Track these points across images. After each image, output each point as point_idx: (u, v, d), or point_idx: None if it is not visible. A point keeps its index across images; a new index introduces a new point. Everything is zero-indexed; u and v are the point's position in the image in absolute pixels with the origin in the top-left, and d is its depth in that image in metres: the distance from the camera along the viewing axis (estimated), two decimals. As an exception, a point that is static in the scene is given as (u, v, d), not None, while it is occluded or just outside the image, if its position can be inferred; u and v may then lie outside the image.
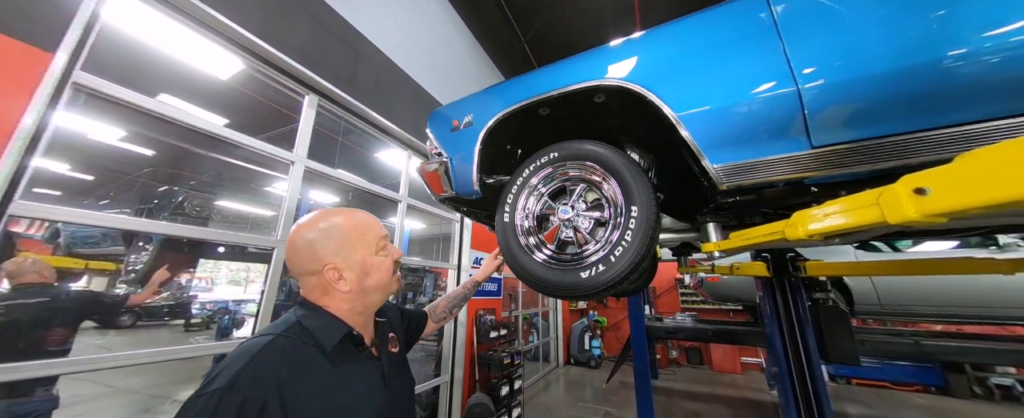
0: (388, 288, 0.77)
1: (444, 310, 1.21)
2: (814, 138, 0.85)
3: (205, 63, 2.50)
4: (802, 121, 0.85)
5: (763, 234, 0.91)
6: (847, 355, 2.28)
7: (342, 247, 0.70)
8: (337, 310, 0.69)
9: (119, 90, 1.47)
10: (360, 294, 0.71)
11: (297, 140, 2.22)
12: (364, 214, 0.78)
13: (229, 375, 0.51)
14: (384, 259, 0.75)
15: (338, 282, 0.68)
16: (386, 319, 0.84)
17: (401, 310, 0.99)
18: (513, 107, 1.24)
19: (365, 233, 0.74)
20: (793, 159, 0.87)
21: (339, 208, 0.78)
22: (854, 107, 0.81)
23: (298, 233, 0.70)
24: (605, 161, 1.11)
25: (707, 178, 0.99)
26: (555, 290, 1.06)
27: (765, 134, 0.89)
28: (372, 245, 0.74)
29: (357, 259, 0.71)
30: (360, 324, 0.73)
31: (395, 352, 0.81)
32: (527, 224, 1.22)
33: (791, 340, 2.42)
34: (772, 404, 5.13)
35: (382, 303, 0.78)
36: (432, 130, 1.46)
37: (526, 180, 1.24)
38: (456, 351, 3.59)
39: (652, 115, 1.10)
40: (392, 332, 0.85)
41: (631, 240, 0.98)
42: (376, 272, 0.73)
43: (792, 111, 0.86)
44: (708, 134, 0.94)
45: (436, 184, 1.40)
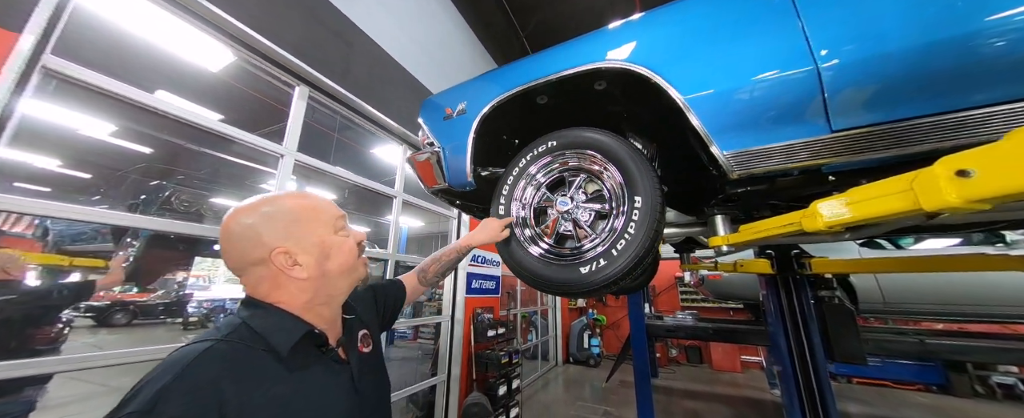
0: (355, 272, 0.66)
1: (436, 274, 1.04)
2: (834, 121, 0.78)
3: (195, 55, 2.42)
4: (821, 103, 0.78)
5: (777, 226, 0.85)
6: (854, 354, 2.21)
7: (293, 228, 0.59)
8: (293, 305, 0.58)
9: (92, 76, 1.39)
10: (322, 281, 0.60)
11: (287, 133, 2.15)
12: (316, 195, 0.68)
13: (149, 394, 0.41)
14: (345, 239, 0.65)
15: (292, 269, 0.57)
16: (355, 316, 0.72)
17: (374, 290, 0.87)
18: (510, 92, 1.17)
19: (319, 213, 0.63)
20: (811, 144, 0.80)
21: (286, 192, 0.66)
22: (879, 86, 0.75)
23: (234, 218, 0.58)
24: (606, 149, 1.04)
25: (716, 166, 0.92)
26: (553, 286, 1.00)
27: (780, 118, 0.82)
28: (329, 224, 0.64)
29: (314, 240, 0.60)
30: (325, 320, 0.62)
31: (367, 352, 0.71)
32: (523, 216, 1.15)
33: (795, 339, 2.36)
34: (773, 403, 5.09)
35: (350, 292, 0.68)
36: (424, 119, 1.39)
37: (523, 170, 1.17)
38: (453, 350, 3.53)
39: (657, 100, 1.04)
40: (364, 329, 0.74)
41: (635, 233, 0.91)
42: (338, 253, 0.62)
43: (810, 92, 0.79)
44: (718, 118, 0.87)
45: (428, 175, 1.33)
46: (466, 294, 3.81)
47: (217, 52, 2.07)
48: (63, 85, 1.37)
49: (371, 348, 0.72)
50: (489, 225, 1.10)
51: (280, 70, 2.15)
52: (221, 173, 5.82)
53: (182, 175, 5.39)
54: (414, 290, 0.99)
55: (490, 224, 1.11)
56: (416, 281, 1.01)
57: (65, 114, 3.94)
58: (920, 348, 2.88)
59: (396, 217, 3.04)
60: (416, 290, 1.00)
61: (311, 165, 2.25)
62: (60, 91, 1.53)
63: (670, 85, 0.91)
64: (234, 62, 2.18)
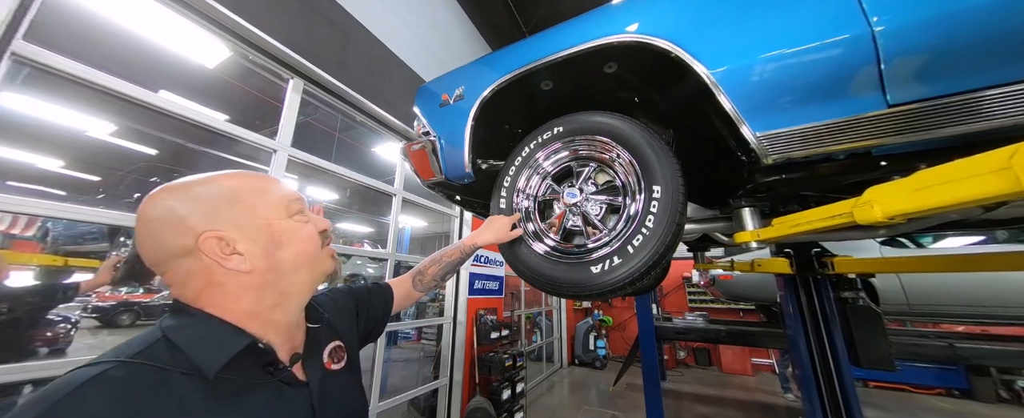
0: (318, 265, 0.54)
1: (434, 278, 0.91)
2: (891, 94, 0.67)
3: (188, 49, 2.35)
4: (875, 73, 0.67)
5: (821, 218, 0.73)
6: (881, 360, 2.07)
7: (231, 209, 0.47)
8: (232, 310, 0.46)
9: (66, 63, 1.31)
10: (272, 276, 0.48)
11: (280, 127, 2.06)
12: (267, 175, 0.56)
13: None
14: (302, 224, 0.53)
15: (229, 259, 0.45)
16: (323, 324, 0.59)
17: (356, 295, 0.74)
18: (512, 74, 1.06)
19: (266, 192, 0.51)
20: (862, 122, 0.69)
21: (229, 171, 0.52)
22: (945, 51, 0.63)
23: (151, 201, 0.45)
24: (619, 134, 0.93)
25: (746, 151, 0.81)
26: (560, 287, 0.89)
27: (825, 92, 0.70)
28: (280, 207, 0.51)
29: (258, 224, 0.48)
30: (278, 329, 0.50)
31: (336, 369, 0.57)
32: (527, 207, 1.05)
33: (817, 343, 2.22)
34: (786, 408, 4.93)
35: (312, 291, 0.55)
36: (420, 107, 1.29)
37: (526, 160, 1.07)
38: (455, 352, 3.43)
39: (678, 79, 0.93)
40: (336, 340, 0.61)
41: (653, 226, 0.80)
42: (293, 240, 0.50)
43: (862, 60, 0.67)
44: (750, 95, 0.76)
45: (423, 167, 1.23)
46: (469, 295, 3.71)
47: (208, 43, 1.99)
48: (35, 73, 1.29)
49: (343, 364, 0.59)
50: (495, 223, 0.98)
51: (272, 61, 2.07)
52: (224, 173, 5.77)
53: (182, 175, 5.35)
54: (406, 296, 0.87)
55: (496, 222, 0.98)
56: (409, 286, 0.89)
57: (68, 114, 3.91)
58: (948, 352, 2.72)
59: (395, 215, 2.95)
60: (408, 296, 0.88)
61: (305, 160, 2.16)
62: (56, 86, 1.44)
63: (695, 60, 0.80)
64: (231, 58, 2.10)
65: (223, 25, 1.87)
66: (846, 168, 0.79)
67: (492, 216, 1.03)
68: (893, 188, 0.61)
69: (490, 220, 1.01)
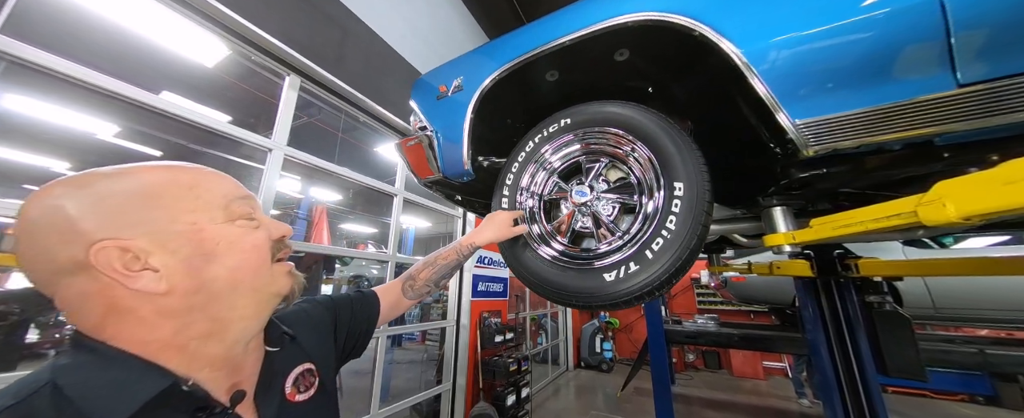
0: (268, 285, 0.43)
1: (427, 282, 0.80)
2: (962, 72, 0.56)
3: (189, 49, 2.30)
4: (944, 46, 0.56)
5: (875, 219, 0.63)
6: (911, 368, 1.94)
7: (143, 210, 0.36)
8: (145, 342, 0.35)
9: (44, 56, 1.25)
10: (201, 298, 0.37)
11: (276, 125, 2.00)
12: (202, 168, 0.43)
13: None
14: (249, 230, 0.42)
15: (137, 277, 0.34)
16: (284, 347, 0.49)
17: (334, 306, 0.64)
18: (513, 63, 0.97)
19: (198, 188, 0.40)
20: (926, 106, 0.58)
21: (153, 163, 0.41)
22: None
23: (38, 197, 0.35)
24: (635, 126, 0.83)
25: (782, 142, 0.71)
26: (569, 296, 0.80)
27: (879, 71, 0.60)
28: (216, 207, 0.40)
29: (179, 228, 0.37)
30: (212, 362, 0.39)
31: (303, 399, 0.48)
32: (531, 206, 0.95)
33: (841, 349, 2.09)
34: (800, 414, 4.76)
35: (261, 315, 0.44)
36: (416, 100, 1.20)
37: (530, 155, 0.97)
38: (458, 357, 3.35)
39: (700, 61, 0.83)
40: (307, 363, 0.51)
41: (676, 228, 0.71)
42: (233, 251, 0.40)
43: (927, 32, 0.57)
44: (789, 77, 0.66)
45: (420, 164, 1.15)
46: (472, 297, 3.63)
47: (204, 41, 1.93)
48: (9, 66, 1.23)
49: (312, 392, 0.49)
50: (496, 220, 0.90)
51: (267, 57, 2.00)
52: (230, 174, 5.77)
53: None
54: (395, 305, 0.77)
55: (497, 218, 0.90)
56: (399, 293, 0.78)
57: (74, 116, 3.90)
58: (979, 359, 2.57)
59: (396, 216, 2.88)
60: (398, 305, 0.77)
61: (302, 160, 2.09)
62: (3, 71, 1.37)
63: (723, 38, 0.70)
64: (231, 57, 2.05)
65: (216, 20, 1.80)
66: (900, 160, 0.69)
67: (492, 213, 0.95)
68: (972, 183, 0.50)
69: (490, 217, 0.92)
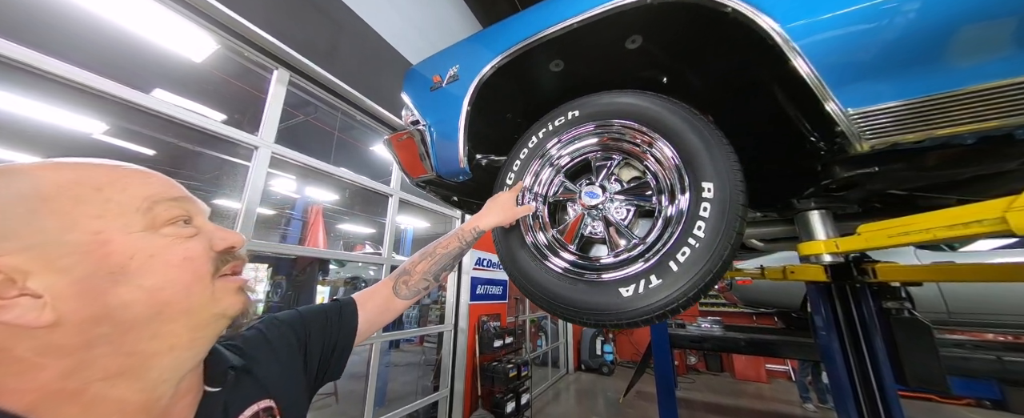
0: (209, 304, 0.34)
1: (424, 276, 0.68)
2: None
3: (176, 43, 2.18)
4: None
5: (946, 225, 0.53)
6: (932, 378, 1.83)
7: (28, 218, 0.28)
8: (17, 392, 0.27)
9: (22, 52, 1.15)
10: (106, 329, 0.29)
11: (263, 121, 1.89)
12: (117, 164, 0.35)
13: None
14: (176, 241, 0.34)
15: (7, 307, 0.26)
16: (223, 387, 0.39)
17: (301, 323, 0.54)
18: (514, 49, 0.87)
19: (106, 189, 0.31)
20: (1011, 91, 0.48)
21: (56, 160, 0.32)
22: None
23: None
24: (655, 118, 0.73)
25: (829, 136, 0.61)
26: (579, 313, 0.69)
27: (957, 49, 0.50)
28: (133, 210, 0.32)
29: (77, 239, 0.29)
30: (123, 409, 0.31)
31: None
32: (538, 213, 0.85)
33: (856, 357, 1.99)
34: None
35: (198, 345, 0.35)
36: (408, 93, 1.10)
37: (534, 152, 0.87)
38: (456, 362, 3.24)
39: (726, 45, 0.73)
40: (264, 399, 0.42)
41: (705, 236, 0.60)
42: (151, 267, 0.31)
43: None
44: (843, 57, 0.55)
45: (412, 162, 1.04)
46: (470, 301, 3.52)
47: (190, 33, 1.82)
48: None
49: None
50: (500, 201, 0.82)
51: (254, 50, 1.90)
52: (225, 174, 5.67)
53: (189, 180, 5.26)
54: (383, 309, 0.64)
55: (500, 199, 0.83)
56: (388, 294, 0.65)
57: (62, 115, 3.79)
58: (997, 367, 2.47)
59: (391, 217, 2.77)
60: (387, 308, 0.65)
61: (290, 158, 1.99)
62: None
63: (760, 12, 0.60)
64: (221, 52, 1.94)
65: (200, 10, 1.70)
66: (968, 157, 0.59)
67: (493, 196, 0.86)
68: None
69: (492, 199, 0.84)
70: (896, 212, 1.01)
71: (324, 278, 6.25)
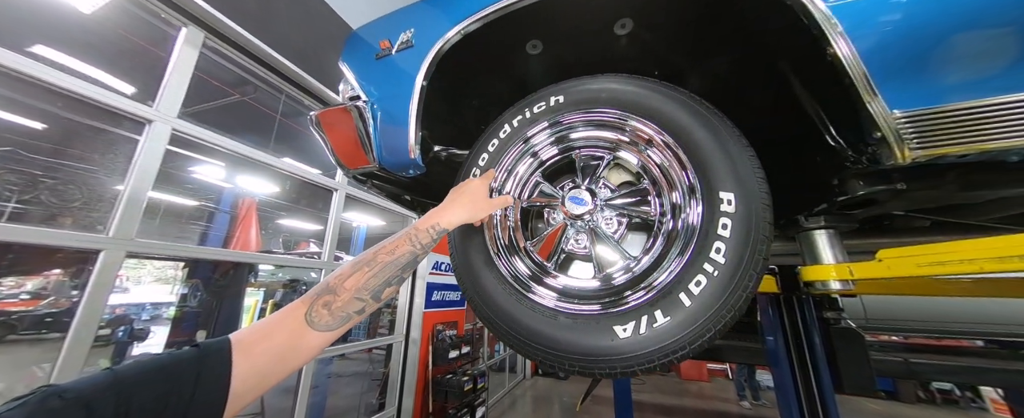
0: None
1: (358, 295, 0.47)
2: None
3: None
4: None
5: (1000, 257, 0.44)
6: (865, 384, 1.98)
7: None
8: None
9: None
10: None
11: (162, 88, 1.49)
12: None
13: None
14: None
15: None
16: None
17: (115, 392, 0.32)
18: (488, 11, 0.69)
19: None
20: None
21: None
22: None
23: None
24: (657, 109, 0.59)
25: (862, 143, 0.51)
26: (560, 358, 0.53)
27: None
28: None
29: None
30: None
31: None
32: (508, 221, 0.67)
33: (800, 365, 2.11)
34: (740, 415, 5.02)
35: None
36: (348, 62, 0.86)
37: (505, 144, 0.69)
38: (406, 376, 2.95)
39: (734, 32, 0.61)
40: None
41: (726, 260, 0.47)
42: None
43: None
44: (897, 46, 0.45)
45: (347, 148, 0.81)
46: (425, 309, 3.24)
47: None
48: None
49: None
50: (469, 191, 0.61)
51: (156, 1, 1.50)
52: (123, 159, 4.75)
53: (84, 161, 4.29)
54: (283, 355, 0.41)
55: (470, 188, 0.62)
56: (297, 327, 0.43)
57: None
58: (904, 368, 2.78)
59: (334, 215, 2.42)
60: (292, 352, 0.42)
61: (197, 137, 1.60)
62: None
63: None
64: (119, 4, 1.50)
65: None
66: (1004, 177, 0.51)
67: (458, 185, 0.64)
68: None
69: (458, 189, 0.62)
70: (875, 233, 0.99)
71: (255, 281, 5.50)
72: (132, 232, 1.36)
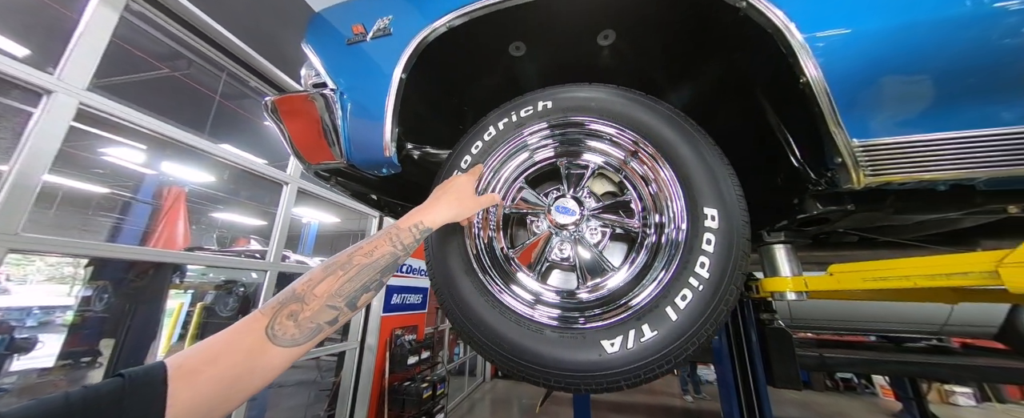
0: None
1: (330, 302, 0.41)
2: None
3: None
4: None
5: (932, 274, 0.50)
6: (791, 379, 2.23)
7: None
8: None
9: None
10: None
11: (66, 56, 1.24)
12: None
13: None
14: None
15: None
16: None
17: None
18: (471, 8, 0.65)
19: None
20: (996, 141, 0.47)
21: None
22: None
23: None
24: (646, 124, 0.59)
25: (822, 167, 0.55)
26: (548, 376, 0.51)
27: (967, 91, 0.47)
28: None
29: None
30: None
31: None
32: (490, 229, 0.64)
33: (739, 361, 2.33)
34: (683, 410, 5.42)
35: None
36: (313, 44, 0.77)
37: (490, 147, 0.66)
38: (359, 385, 2.76)
39: (715, 55, 0.64)
40: None
41: (710, 275, 0.48)
42: None
43: (1019, 52, 0.45)
44: (864, 81, 0.49)
45: (309, 140, 0.73)
46: (383, 313, 3.07)
47: None
48: None
49: None
50: (454, 188, 0.57)
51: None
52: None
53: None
54: (237, 380, 0.34)
55: (455, 185, 0.57)
56: (254, 345, 0.36)
57: None
58: (818, 361, 3.17)
59: (284, 211, 2.20)
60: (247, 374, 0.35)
61: (109, 114, 1.35)
62: None
63: (777, 9, 0.51)
64: None
65: None
66: (934, 204, 0.59)
67: (442, 183, 0.60)
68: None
69: (444, 186, 0.58)
70: (813, 247, 1.10)
71: (180, 281, 4.83)
72: (17, 224, 1.11)
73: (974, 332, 2.96)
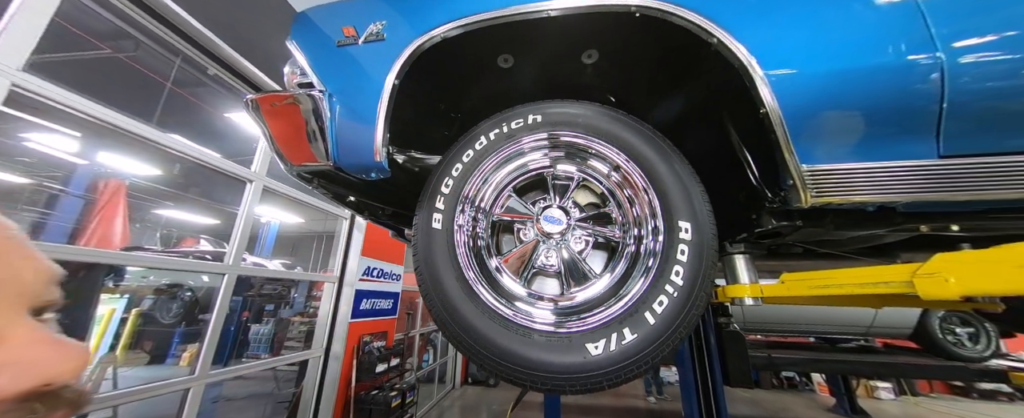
0: None
1: None
2: (945, 144, 0.56)
3: None
4: (936, 115, 0.55)
5: (862, 283, 0.58)
6: (745, 377, 2.40)
7: None
8: None
9: None
10: None
11: (2, 24, 1.10)
12: None
13: None
14: None
15: None
16: None
17: None
18: (467, 21, 0.67)
19: None
20: (908, 171, 0.56)
21: None
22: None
23: None
24: (629, 142, 0.64)
25: (775, 187, 0.63)
26: (535, 378, 0.53)
27: (888, 128, 0.56)
28: None
29: None
30: None
31: None
32: (479, 236, 0.66)
33: (700, 363, 2.49)
34: (647, 410, 5.64)
35: None
36: (300, 43, 0.76)
37: (481, 156, 0.68)
38: (323, 395, 2.62)
39: (691, 80, 0.71)
40: None
41: (683, 282, 0.53)
42: None
43: (927, 98, 0.55)
44: (810, 116, 0.57)
45: (294, 143, 0.71)
46: (351, 318, 2.94)
47: None
48: None
49: None
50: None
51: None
52: None
53: None
54: None
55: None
56: None
57: None
58: (767, 361, 3.45)
59: (245, 210, 2.07)
60: None
61: (41, 96, 1.21)
62: None
63: (741, 46, 0.58)
64: None
65: None
66: (863, 222, 0.68)
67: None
68: (980, 260, 0.47)
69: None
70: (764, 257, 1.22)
71: (115, 285, 4.33)
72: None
73: (894, 333, 3.37)
